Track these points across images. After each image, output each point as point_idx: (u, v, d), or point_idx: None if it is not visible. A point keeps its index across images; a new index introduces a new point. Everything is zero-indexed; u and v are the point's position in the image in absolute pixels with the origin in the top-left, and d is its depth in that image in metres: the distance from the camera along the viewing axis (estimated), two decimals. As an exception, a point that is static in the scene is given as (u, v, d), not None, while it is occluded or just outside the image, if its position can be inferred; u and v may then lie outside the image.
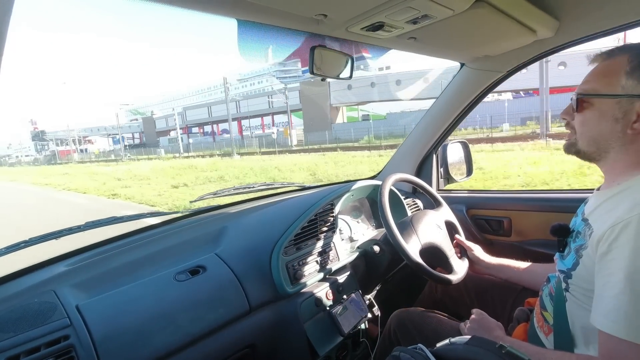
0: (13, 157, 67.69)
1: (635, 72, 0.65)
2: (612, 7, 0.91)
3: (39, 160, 55.09)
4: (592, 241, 0.67)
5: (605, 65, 0.70)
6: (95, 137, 63.11)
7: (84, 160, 47.68)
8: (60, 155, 57.11)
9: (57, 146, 63.43)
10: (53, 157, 57.16)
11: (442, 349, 0.50)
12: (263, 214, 1.18)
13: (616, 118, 0.67)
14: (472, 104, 1.43)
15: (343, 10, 0.78)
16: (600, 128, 0.70)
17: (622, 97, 0.66)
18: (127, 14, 47.60)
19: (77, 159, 51.91)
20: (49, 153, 62.24)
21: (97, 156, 51.75)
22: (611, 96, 0.67)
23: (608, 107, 0.68)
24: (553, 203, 1.38)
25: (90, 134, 62.10)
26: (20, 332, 0.65)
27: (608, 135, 0.69)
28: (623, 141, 0.68)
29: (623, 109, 0.66)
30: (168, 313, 0.78)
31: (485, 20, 0.87)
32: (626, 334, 0.58)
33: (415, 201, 1.57)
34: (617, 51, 0.69)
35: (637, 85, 0.65)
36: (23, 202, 10.69)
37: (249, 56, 0.92)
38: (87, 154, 56.99)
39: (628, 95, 0.65)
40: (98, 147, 62.41)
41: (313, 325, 1.02)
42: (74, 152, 56.76)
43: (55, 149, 61.26)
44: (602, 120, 0.69)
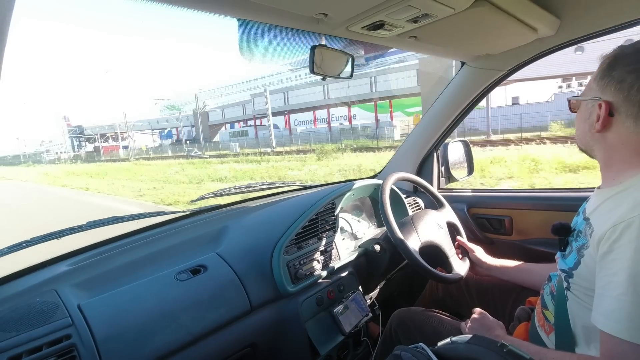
0: (52, 152, 63.29)
1: (602, 76, 0.69)
2: (613, 5, 0.91)
3: (81, 157, 47.93)
4: (593, 240, 0.67)
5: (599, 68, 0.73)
6: (131, 132, 56.87)
7: (136, 156, 39.36)
8: (104, 151, 50.64)
9: (95, 142, 56.93)
10: (96, 153, 50.56)
11: (443, 348, 0.50)
12: (264, 214, 1.18)
13: (585, 119, 0.73)
14: (473, 103, 1.43)
15: (343, 10, 0.78)
16: (580, 128, 0.76)
17: (588, 100, 0.72)
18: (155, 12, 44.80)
19: (122, 155, 45.19)
20: (92, 149, 56.35)
21: (145, 152, 44.75)
22: (581, 99, 0.74)
23: (582, 109, 0.75)
24: (554, 202, 1.38)
25: (122, 130, 56.05)
26: (22, 331, 0.65)
27: (585, 135, 0.75)
28: (595, 140, 0.73)
29: (589, 110, 0.72)
30: (169, 312, 0.78)
31: (486, 18, 0.87)
32: (629, 335, 0.58)
33: (416, 200, 1.57)
34: (603, 56, 0.71)
35: (602, 88, 0.68)
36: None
37: (250, 56, 0.92)
38: (131, 150, 49.48)
39: (592, 97, 0.70)
40: (145, 143, 56.22)
41: (314, 325, 1.02)
42: (117, 149, 50.74)
43: (99, 144, 54.40)
44: (579, 121, 0.76)
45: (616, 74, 0.66)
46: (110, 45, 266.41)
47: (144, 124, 55.88)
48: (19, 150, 75.15)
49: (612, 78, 0.66)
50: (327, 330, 1.04)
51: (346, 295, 1.10)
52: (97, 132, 56.00)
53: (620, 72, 0.65)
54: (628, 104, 0.65)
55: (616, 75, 0.66)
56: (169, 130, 53.61)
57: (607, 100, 0.67)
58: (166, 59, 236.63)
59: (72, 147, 59.31)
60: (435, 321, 1.03)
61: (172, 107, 60.21)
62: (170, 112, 56.14)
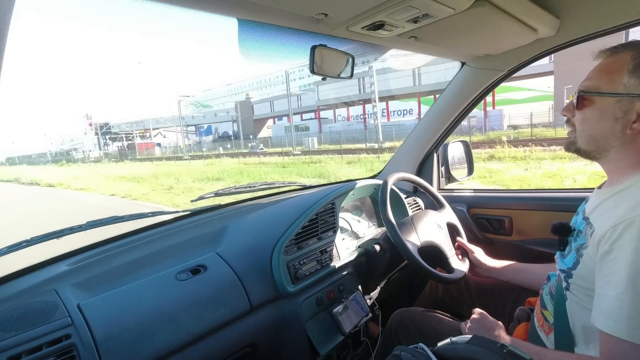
0: (79, 151, 54.58)
1: (637, 70, 0.64)
2: (613, 5, 0.91)
3: (114, 156, 42.53)
4: (593, 240, 0.67)
5: (608, 62, 0.69)
6: (162, 129, 53.07)
7: (177, 154, 34.37)
8: (139, 149, 45.99)
9: (122, 140, 52.85)
10: (130, 151, 45.27)
11: (443, 348, 0.50)
12: (264, 214, 1.18)
13: (616, 117, 0.66)
14: (473, 103, 1.43)
15: (344, 10, 0.78)
16: (599, 127, 0.69)
17: (623, 96, 0.65)
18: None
19: (158, 153, 42.04)
20: (124, 146, 51.30)
21: (186, 149, 38.58)
22: (612, 94, 0.66)
23: (608, 106, 0.67)
24: (554, 202, 1.38)
25: (149, 127, 51.23)
26: (21, 331, 0.65)
27: (608, 134, 0.68)
28: (622, 141, 0.67)
29: (623, 108, 0.65)
30: (169, 312, 0.78)
31: (486, 19, 0.87)
32: (628, 335, 0.58)
33: (416, 200, 1.57)
34: (620, 48, 0.68)
35: (639, 84, 0.64)
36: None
37: (250, 56, 0.92)
38: (167, 148, 46.36)
39: (629, 94, 0.64)
40: (174, 141, 51.56)
41: (314, 325, 1.02)
42: (153, 147, 47.05)
43: (134, 141, 49.62)
44: (602, 119, 0.68)
45: None
46: (129, 44, 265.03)
47: (170, 120, 51.37)
48: (45, 148, 68.34)
49: None
50: (327, 330, 1.04)
51: (346, 296, 1.10)
52: (123, 130, 52.39)
53: None
54: None
55: None
56: (208, 126, 49.69)
57: None
58: (190, 56, 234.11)
59: (98, 145, 54.94)
60: (435, 321, 1.03)
61: (198, 103, 57.26)
62: (197, 108, 52.90)
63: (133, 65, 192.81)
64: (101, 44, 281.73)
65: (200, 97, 61.25)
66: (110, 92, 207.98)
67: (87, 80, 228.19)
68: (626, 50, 0.67)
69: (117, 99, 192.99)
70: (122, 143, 52.47)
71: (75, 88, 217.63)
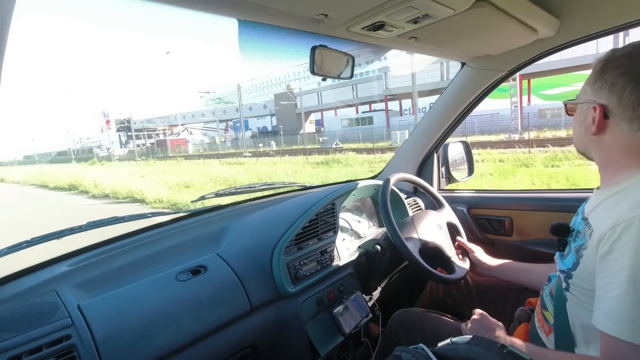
0: (104, 149, 49.96)
1: (595, 79, 0.69)
2: (613, 6, 0.91)
3: (140, 153, 37.52)
4: (592, 241, 0.67)
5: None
6: (188, 125, 48.56)
7: (216, 151, 29.95)
8: (171, 146, 41.82)
9: (150, 137, 48.51)
10: (160, 148, 40.63)
11: (444, 349, 0.50)
12: (264, 214, 1.18)
13: (581, 122, 0.74)
14: (473, 104, 1.43)
15: (344, 10, 0.78)
16: (577, 131, 0.77)
17: (583, 104, 0.73)
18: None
19: (191, 150, 38.47)
20: (150, 144, 46.53)
21: (221, 146, 35.95)
22: (577, 102, 0.75)
23: (578, 113, 0.76)
24: (554, 202, 1.38)
25: (174, 123, 47.55)
26: (22, 332, 0.65)
27: (582, 138, 0.75)
28: (592, 143, 0.73)
29: (584, 114, 0.73)
30: (169, 313, 0.78)
31: (487, 19, 0.87)
32: (629, 336, 0.58)
33: (417, 201, 1.57)
34: (597, 59, 0.72)
35: (595, 91, 0.69)
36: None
37: (250, 56, 0.92)
38: (198, 145, 42.84)
39: (587, 101, 0.71)
40: (198, 137, 47.39)
41: (314, 325, 1.02)
42: (185, 144, 43.31)
43: (166, 137, 45.11)
44: (575, 125, 0.77)
45: (608, 77, 0.67)
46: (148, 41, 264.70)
47: (198, 115, 48.56)
48: (65, 146, 63.20)
49: (604, 81, 0.67)
50: (327, 330, 1.04)
51: (346, 296, 1.10)
52: (146, 126, 49.13)
53: (612, 75, 0.66)
54: (621, 107, 0.65)
55: (608, 78, 0.67)
56: (245, 120, 43.19)
57: (601, 103, 0.68)
58: (211, 51, 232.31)
59: (119, 142, 50.74)
60: (435, 322, 1.02)
61: (219, 99, 54.00)
62: (218, 104, 48.62)
63: (157, 58, 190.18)
64: (120, 39, 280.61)
65: (221, 92, 57.81)
66: (130, 88, 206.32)
67: (106, 76, 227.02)
68: (597, 61, 0.72)
69: (136, 96, 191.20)
70: (146, 140, 48.65)
71: (94, 84, 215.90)
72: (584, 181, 6.02)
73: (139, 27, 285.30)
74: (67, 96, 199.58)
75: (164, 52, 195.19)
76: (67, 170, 20.86)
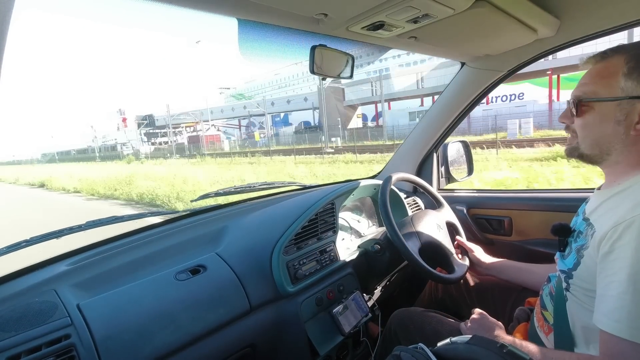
0: (129, 146, 46.77)
1: (633, 73, 0.65)
2: (613, 6, 0.91)
3: (168, 151, 34.98)
4: (593, 241, 0.67)
5: (601, 67, 0.70)
6: (215, 121, 44.22)
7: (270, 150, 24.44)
8: (206, 142, 38.23)
9: (180, 133, 45.72)
10: (193, 145, 37.58)
11: (443, 349, 0.50)
12: (264, 214, 1.18)
13: (618, 120, 0.67)
14: (473, 104, 1.43)
15: (343, 10, 0.78)
16: (602, 130, 0.69)
17: (623, 99, 0.66)
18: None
19: (227, 147, 34.97)
20: (186, 140, 42.87)
21: (266, 143, 31.39)
22: (612, 99, 0.67)
23: (609, 110, 0.67)
24: (554, 202, 1.38)
25: (197, 118, 42.67)
26: (21, 331, 0.65)
27: (611, 137, 0.69)
28: (625, 143, 0.68)
29: (624, 110, 0.66)
30: (169, 312, 0.78)
31: (486, 19, 0.87)
32: (629, 334, 0.58)
33: (416, 200, 1.57)
34: (610, 52, 0.69)
35: (637, 86, 0.64)
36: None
37: (250, 56, 0.92)
38: (234, 141, 39.29)
39: (628, 97, 0.65)
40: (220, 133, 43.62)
41: (313, 325, 1.02)
42: (219, 140, 40.46)
43: (199, 134, 41.09)
44: (604, 123, 0.69)
45: None
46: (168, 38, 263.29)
47: (226, 110, 44.09)
48: (85, 143, 59.11)
49: None
50: (327, 330, 1.04)
51: (346, 296, 1.10)
52: (167, 122, 43.69)
53: None
54: None
55: None
56: (285, 115, 40.24)
57: None
58: (229, 48, 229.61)
59: (140, 140, 47.16)
60: (435, 321, 1.03)
61: (240, 95, 50.31)
62: (238, 100, 44.96)
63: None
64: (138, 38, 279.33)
65: (242, 88, 54.03)
66: (148, 84, 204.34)
67: (122, 73, 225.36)
68: (617, 54, 0.68)
69: (156, 93, 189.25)
70: (170, 138, 44.56)
71: (110, 81, 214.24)
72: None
73: (158, 27, 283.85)
74: (86, 91, 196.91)
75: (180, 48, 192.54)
76: (114, 171, 15.35)
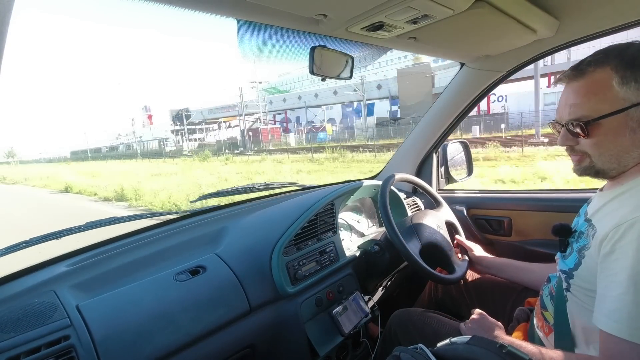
0: (170, 142, 43.83)
1: (629, 81, 0.63)
2: (612, 7, 0.91)
3: (218, 147, 30.86)
4: (595, 241, 0.67)
5: (586, 83, 0.67)
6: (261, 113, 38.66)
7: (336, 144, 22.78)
8: (264, 137, 33.49)
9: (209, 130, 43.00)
10: (252, 139, 32.36)
11: (443, 349, 0.50)
12: (263, 214, 1.18)
13: (633, 129, 0.65)
14: (472, 104, 1.43)
15: (343, 10, 0.78)
16: (620, 143, 0.67)
17: (630, 109, 0.64)
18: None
19: (293, 142, 30.69)
20: (239, 135, 37.22)
21: (346, 138, 27.39)
22: (618, 111, 0.64)
23: (620, 122, 0.65)
24: (553, 203, 1.38)
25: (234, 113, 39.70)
26: (20, 332, 0.65)
27: (628, 147, 0.66)
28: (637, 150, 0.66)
29: (635, 118, 0.64)
30: (168, 313, 0.78)
31: (486, 20, 0.87)
32: (629, 335, 0.58)
33: (416, 201, 1.57)
34: (587, 66, 0.67)
35: (636, 91, 0.63)
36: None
37: (250, 56, 0.92)
38: (294, 135, 35.11)
39: (633, 105, 0.63)
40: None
41: (313, 325, 1.02)
42: (279, 135, 35.68)
43: (259, 126, 36.26)
44: (619, 137, 0.66)
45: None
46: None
47: (273, 101, 39.22)
48: (108, 141, 56.40)
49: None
50: (327, 331, 1.04)
51: (345, 296, 1.10)
52: (205, 117, 41.76)
53: None
54: None
55: None
56: (358, 105, 34.76)
57: None
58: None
59: (176, 137, 43.76)
60: (435, 322, 1.03)
61: (273, 89, 47.47)
62: (270, 95, 41.32)
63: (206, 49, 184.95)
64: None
65: (275, 82, 50.71)
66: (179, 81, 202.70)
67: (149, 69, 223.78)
68: (598, 67, 0.66)
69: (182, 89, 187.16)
70: (206, 134, 42.02)
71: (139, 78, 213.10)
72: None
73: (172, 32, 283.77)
74: (118, 85, 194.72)
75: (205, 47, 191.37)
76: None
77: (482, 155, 11.46)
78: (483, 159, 10.97)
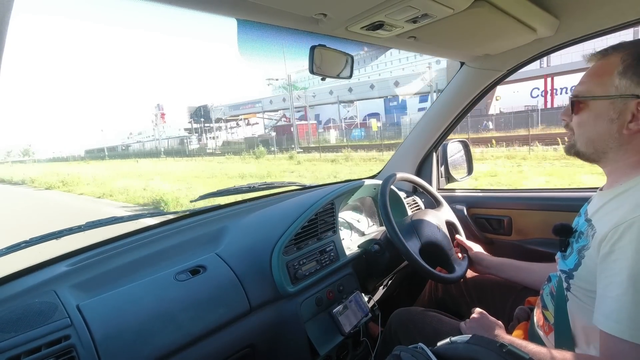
0: (193, 140, 41.01)
1: (627, 71, 0.65)
2: (612, 6, 0.91)
3: (249, 144, 27.34)
4: (594, 242, 0.67)
5: (599, 65, 0.70)
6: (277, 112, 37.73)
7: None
8: (300, 134, 29.92)
9: (229, 127, 40.93)
10: (285, 137, 29.22)
11: (443, 348, 0.50)
12: (263, 214, 1.18)
13: (611, 119, 0.67)
14: (472, 103, 1.43)
15: (343, 10, 0.78)
16: (596, 129, 0.70)
17: (616, 98, 0.66)
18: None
19: (334, 140, 27.29)
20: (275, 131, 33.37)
21: (393, 134, 23.54)
22: (605, 97, 0.67)
23: (603, 108, 0.68)
24: (553, 202, 1.38)
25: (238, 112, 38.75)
26: (21, 332, 0.65)
27: (605, 136, 0.69)
28: (620, 142, 0.68)
29: (617, 109, 0.66)
30: (168, 313, 0.78)
31: (486, 19, 0.87)
32: (629, 335, 0.58)
33: (416, 200, 1.57)
34: (610, 51, 0.69)
35: (630, 85, 0.64)
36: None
37: (249, 56, 0.92)
38: (338, 132, 30.12)
39: (621, 95, 0.65)
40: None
41: (313, 325, 1.02)
42: (315, 131, 31.49)
43: (293, 122, 30.54)
44: (598, 122, 0.69)
45: None
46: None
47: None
48: (120, 140, 53.60)
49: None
50: (327, 330, 1.04)
51: (345, 296, 1.10)
52: (226, 114, 39.55)
53: None
54: None
55: None
56: (403, 100, 31.62)
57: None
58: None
59: (196, 135, 41.44)
60: (435, 321, 1.03)
61: (294, 86, 42.14)
62: (288, 92, 37.74)
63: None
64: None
65: (293, 78, 45.71)
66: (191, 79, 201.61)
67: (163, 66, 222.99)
68: (615, 52, 0.68)
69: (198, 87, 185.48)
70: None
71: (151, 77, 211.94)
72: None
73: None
74: (130, 83, 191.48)
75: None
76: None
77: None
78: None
